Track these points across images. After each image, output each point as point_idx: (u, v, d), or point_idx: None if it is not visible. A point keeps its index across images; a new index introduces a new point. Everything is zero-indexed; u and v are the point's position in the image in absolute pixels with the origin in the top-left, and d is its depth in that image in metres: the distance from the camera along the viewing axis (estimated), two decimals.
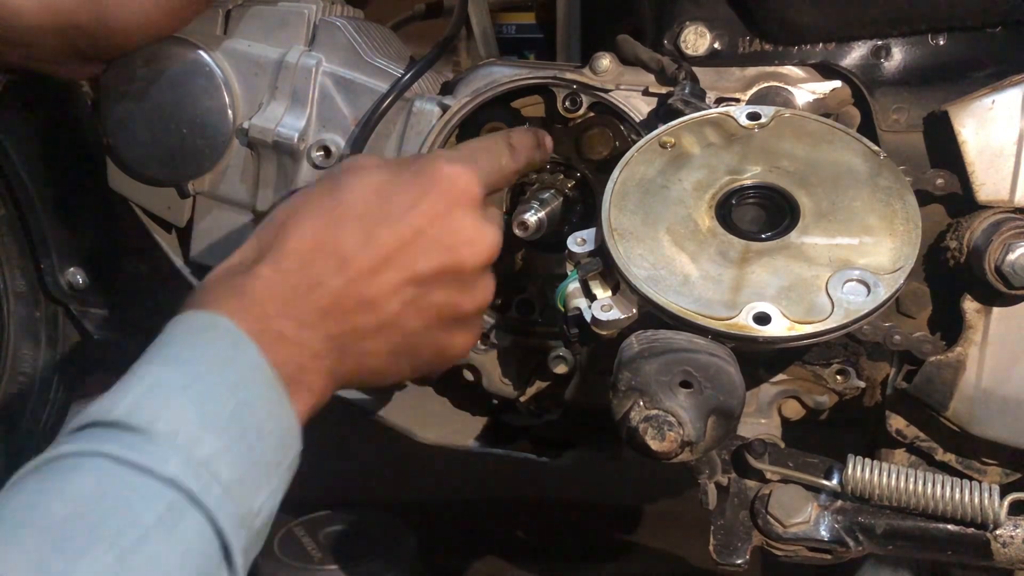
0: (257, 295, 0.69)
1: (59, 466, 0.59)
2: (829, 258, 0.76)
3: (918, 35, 0.95)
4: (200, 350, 0.66)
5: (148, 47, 1.03)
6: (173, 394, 0.62)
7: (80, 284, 1.28)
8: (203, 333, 0.67)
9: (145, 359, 0.66)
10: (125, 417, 0.60)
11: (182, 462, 0.59)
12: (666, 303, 0.74)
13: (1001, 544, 0.85)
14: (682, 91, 0.92)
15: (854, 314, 0.73)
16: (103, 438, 0.60)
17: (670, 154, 0.85)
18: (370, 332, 0.74)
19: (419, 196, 0.76)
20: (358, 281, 0.73)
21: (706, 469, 0.88)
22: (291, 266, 0.71)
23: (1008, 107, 0.87)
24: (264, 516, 0.65)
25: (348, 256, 0.73)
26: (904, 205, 0.79)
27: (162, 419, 0.61)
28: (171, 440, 0.60)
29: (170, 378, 0.63)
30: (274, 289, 0.70)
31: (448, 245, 0.76)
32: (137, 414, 0.60)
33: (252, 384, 0.66)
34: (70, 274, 1.28)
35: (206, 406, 0.63)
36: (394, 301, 0.74)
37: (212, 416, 0.62)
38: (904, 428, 0.96)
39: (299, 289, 0.71)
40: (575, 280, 0.80)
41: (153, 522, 0.57)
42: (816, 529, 0.86)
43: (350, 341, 0.73)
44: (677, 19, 0.97)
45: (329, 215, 0.74)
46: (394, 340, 0.76)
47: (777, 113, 0.87)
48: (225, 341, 0.67)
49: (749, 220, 0.81)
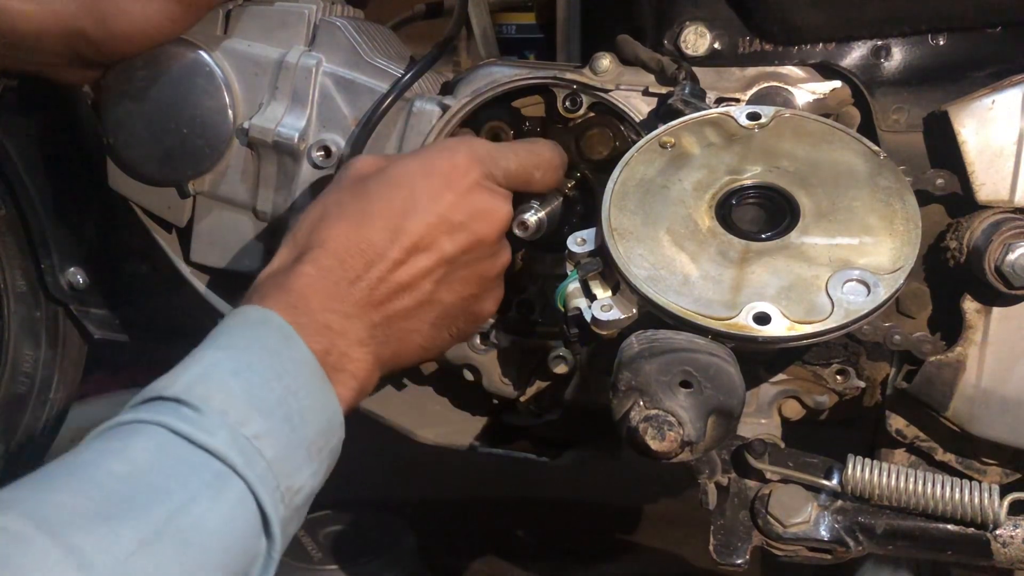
0: (303, 291, 0.77)
1: (123, 431, 0.66)
2: (829, 258, 0.76)
3: (918, 35, 0.95)
4: (253, 341, 0.73)
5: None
6: (227, 377, 0.69)
7: (80, 284, 1.28)
8: (256, 327, 0.74)
9: (204, 344, 0.72)
10: (183, 394, 0.67)
11: (230, 437, 0.66)
12: (666, 303, 0.74)
13: (1001, 544, 0.85)
14: (682, 91, 0.92)
15: (854, 314, 0.73)
16: (162, 410, 0.66)
17: (670, 154, 0.85)
18: (409, 313, 0.82)
19: (435, 187, 0.83)
20: (393, 271, 0.81)
21: (706, 469, 0.88)
22: (330, 264, 0.79)
23: (1008, 107, 0.87)
24: (304, 494, 0.71)
25: (381, 250, 0.80)
26: (904, 205, 0.79)
27: (215, 398, 0.67)
28: (222, 417, 0.66)
29: (225, 363, 0.70)
30: (317, 285, 0.77)
31: (468, 224, 0.83)
32: (194, 391, 0.67)
33: (298, 374, 0.72)
34: (70, 274, 1.28)
35: (255, 390, 0.69)
36: (427, 282, 0.83)
37: (260, 399, 0.69)
38: (904, 428, 0.96)
39: (340, 284, 0.78)
40: (575, 280, 0.80)
41: (200, 487, 0.63)
42: (816, 529, 0.86)
43: (392, 325, 0.82)
44: (677, 19, 0.97)
45: (359, 216, 0.81)
46: (432, 315, 0.85)
47: (777, 113, 0.87)
48: (276, 335, 0.74)
49: (749, 220, 0.81)
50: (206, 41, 1.04)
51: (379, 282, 0.80)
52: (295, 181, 1.06)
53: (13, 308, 1.30)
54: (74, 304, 1.30)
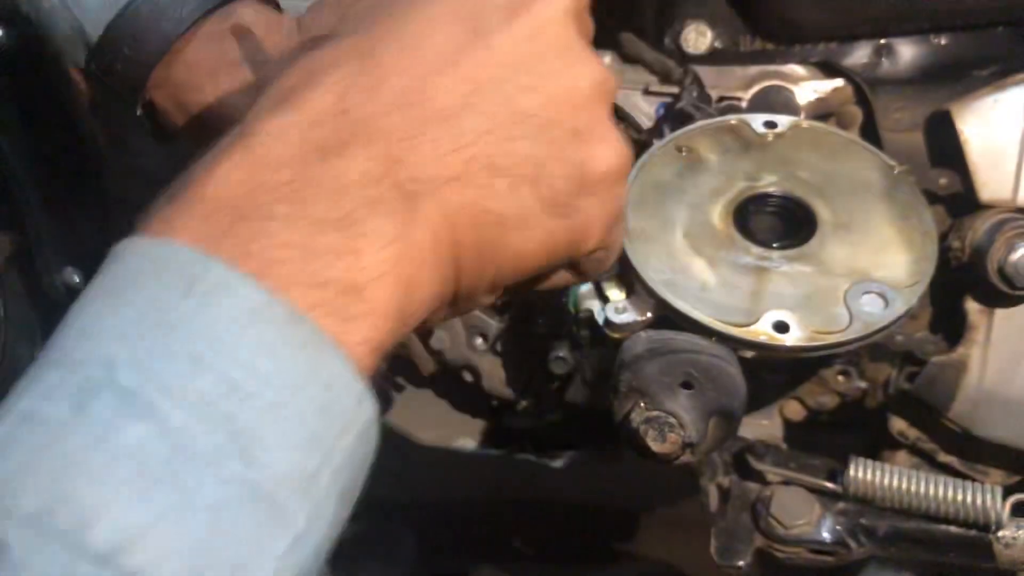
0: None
1: None
2: (847, 269, 0.76)
3: (920, 34, 0.95)
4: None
5: None
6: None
7: (76, 284, 1.28)
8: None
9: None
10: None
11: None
12: (684, 308, 0.74)
13: (1004, 546, 0.84)
14: (690, 95, 0.92)
15: (873, 326, 0.73)
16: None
17: (686, 159, 0.85)
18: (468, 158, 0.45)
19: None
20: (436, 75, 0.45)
21: (707, 471, 0.88)
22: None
23: (1011, 106, 0.87)
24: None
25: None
26: (921, 220, 0.80)
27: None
28: None
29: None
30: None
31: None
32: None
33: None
34: (66, 273, 1.27)
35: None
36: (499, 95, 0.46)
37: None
38: (906, 429, 0.95)
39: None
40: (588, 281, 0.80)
41: None
42: (818, 531, 0.86)
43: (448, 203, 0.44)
44: (678, 17, 0.97)
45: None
46: (507, 160, 0.46)
47: (794, 123, 0.87)
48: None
49: (766, 228, 0.81)
50: None
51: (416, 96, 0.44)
52: None
53: (9, 309, 1.30)
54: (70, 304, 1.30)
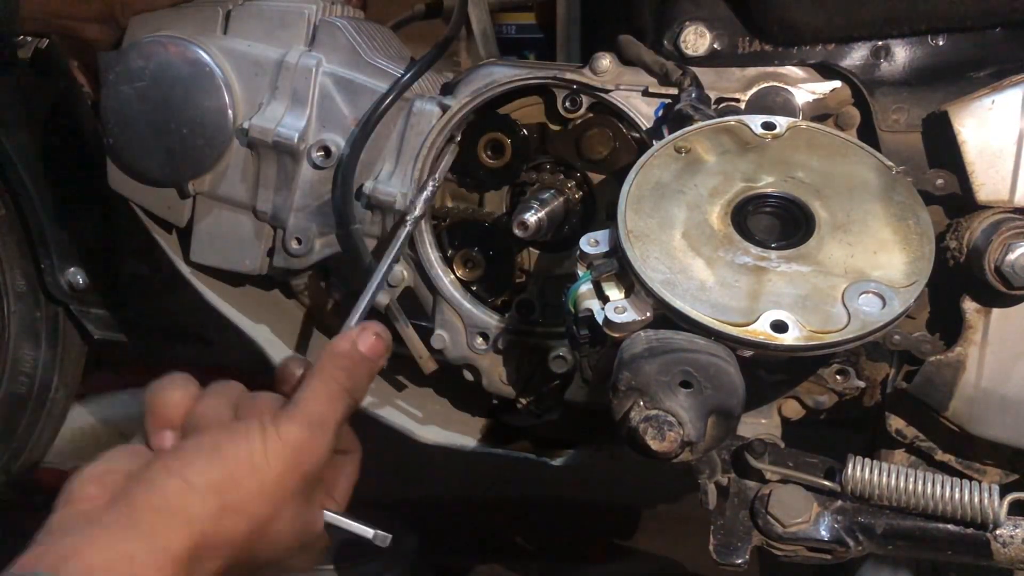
0: None
1: None
2: (845, 269, 0.76)
3: (918, 35, 0.95)
4: None
5: (148, 46, 1.03)
6: None
7: (80, 284, 1.28)
8: None
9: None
10: None
11: None
12: (684, 308, 0.74)
13: (1001, 544, 0.85)
14: (689, 96, 0.92)
15: (870, 326, 0.73)
16: None
17: (685, 159, 0.85)
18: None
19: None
20: None
21: (706, 469, 0.88)
22: None
23: (1008, 107, 0.87)
24: None
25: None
26: (918, 221, 0.79)
27: None
28: None
29: None
30: None
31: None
32: None
33: None
34: (70, 274, 1.28)
35: None
36: None
37: None
38: (904, 428, 0.96)
39: None
40: (587, 281, 0.79)
41: None
42: (816, 529, 0.86)
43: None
44: (677, 19, 0.97)
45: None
46: None
47: (792, 124, 0.87)
48: None
49: (764, 228, 0.81)
50: (206, 41, 1.04)
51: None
52: (295, 181, 1.06)
53: (13, 308, 1.30)
54: (74, 304, 1.31)
